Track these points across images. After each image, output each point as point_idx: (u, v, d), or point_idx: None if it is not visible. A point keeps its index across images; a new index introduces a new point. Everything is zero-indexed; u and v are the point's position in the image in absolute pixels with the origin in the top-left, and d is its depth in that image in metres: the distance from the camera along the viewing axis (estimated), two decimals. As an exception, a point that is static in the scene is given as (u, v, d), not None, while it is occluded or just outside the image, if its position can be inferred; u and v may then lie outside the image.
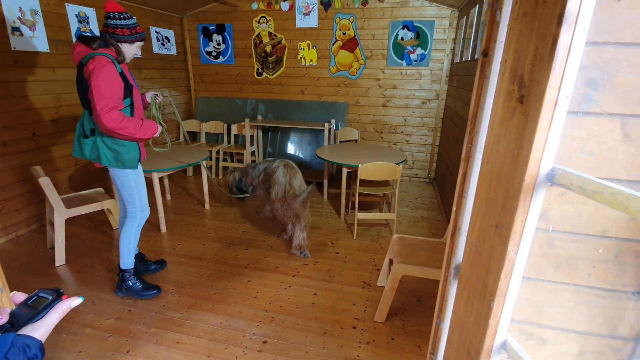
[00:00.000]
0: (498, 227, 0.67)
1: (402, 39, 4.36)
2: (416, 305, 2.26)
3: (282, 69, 4.91)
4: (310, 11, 4.55)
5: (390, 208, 3.76)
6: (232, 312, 2.15)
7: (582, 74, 0.54)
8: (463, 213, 0.85)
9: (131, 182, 2.12)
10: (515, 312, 0.75)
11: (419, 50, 4.35)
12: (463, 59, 3.45)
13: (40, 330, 0.56)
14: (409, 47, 4.38)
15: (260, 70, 5.00)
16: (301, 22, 4.62)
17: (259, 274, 2.55)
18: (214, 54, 5.08)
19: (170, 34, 4.83)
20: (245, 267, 2.65)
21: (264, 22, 4.75)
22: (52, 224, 2.71)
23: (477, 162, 0.81)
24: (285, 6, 4.59)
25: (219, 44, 5.01)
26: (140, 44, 2.02)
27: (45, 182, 2.45)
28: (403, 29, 4.32)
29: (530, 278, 0.73)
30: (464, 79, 3.30)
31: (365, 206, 3.90)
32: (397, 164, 2.87)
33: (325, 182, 4.07)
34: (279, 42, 4.79)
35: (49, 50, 3.19)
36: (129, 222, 2.22)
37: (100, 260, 2.70)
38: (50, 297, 0.59)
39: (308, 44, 4.70)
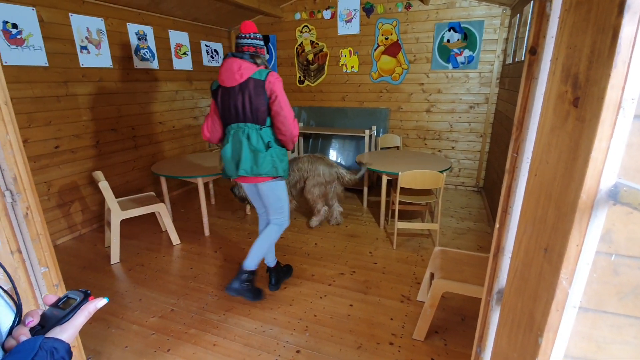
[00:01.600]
0: (547, 251, 0.58)
1: (447, 41, 4.18)
2: (459, 324, 2.11)
3: (324, 76, 4.93)
4: (352, 18, 4.53)
5: (433, 218, 3.58)
6: (267, 318, 2.16)
7: (653, 71, 0.45)
8: (507, 231, 0.76)
9: (285, 191, 2.19)
10: (569, 347, 0.65)
11: (467, 52, 4.14)
12: (516, 60, 3.21)
13: (67, 332, 0.56)
14: (455, 50, 4.18)
15: (302, 78, 5.08)
16: (343, 29, 4.62)
17: (295, 281, 2.55)
18: (259, 63, 5.24)
19: (218, 46, 5.09)
20: (282, 273, 2.65)
21: (306, 31, 4.82)
22: (109, 224, 2.94)
23: (524, 174, 0.72)
24: (327, 14, 4.63)
25: (263, 54, 5.17)
26: None
27: (104, 186, 2.66)
28: (449, 30, 4.14)
29: (588, 309, 0.62)
30: (516, 80, 3.06)
31: (406, 215, 3.75)
32: (441, 171, 2.73)
33: (365, 189, 3.99)
34: (321, 50, 4.83)
35: (112, 66, 3.51)
36: (276, 229, 2.25)
37: (149, 260, 2.87)
38: (79, 299, 0.60)
39: (350, 51, 4.69)
